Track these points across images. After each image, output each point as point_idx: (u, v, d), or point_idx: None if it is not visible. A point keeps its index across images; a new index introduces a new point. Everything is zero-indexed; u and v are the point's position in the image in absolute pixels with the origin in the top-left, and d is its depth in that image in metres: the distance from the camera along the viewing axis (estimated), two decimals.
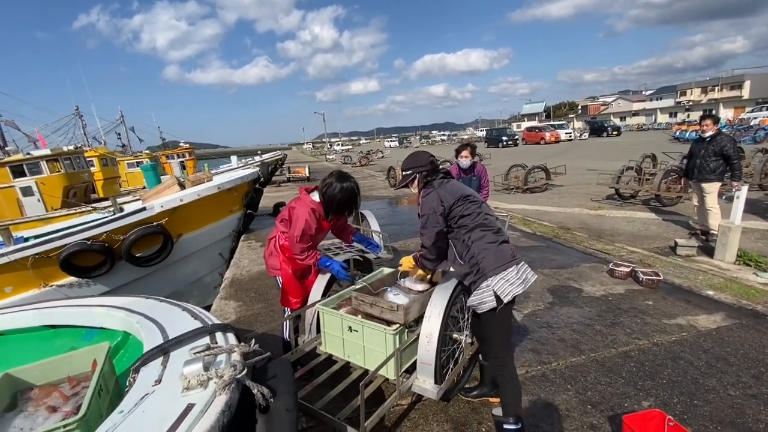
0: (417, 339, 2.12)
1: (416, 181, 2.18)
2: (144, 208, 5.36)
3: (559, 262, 4.93)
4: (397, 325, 2.10)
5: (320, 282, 2.70)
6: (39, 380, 1.61)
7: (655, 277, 4.02)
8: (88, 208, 9.23)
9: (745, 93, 51.72)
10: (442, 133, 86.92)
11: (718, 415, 2.24)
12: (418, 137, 71.69)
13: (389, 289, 2.46)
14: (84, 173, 12.88)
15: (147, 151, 25.56)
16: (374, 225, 4.16)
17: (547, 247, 5.58)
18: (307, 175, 18.37)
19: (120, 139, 27.20)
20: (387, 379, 2.20)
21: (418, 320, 2.21)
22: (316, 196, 2.63)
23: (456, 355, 2.33)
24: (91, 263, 5.18)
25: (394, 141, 70.80)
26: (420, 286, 2.47)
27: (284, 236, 2.75)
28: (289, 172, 18.68)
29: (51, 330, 2.25)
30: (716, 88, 56.07)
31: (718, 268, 4.48)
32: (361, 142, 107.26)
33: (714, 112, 45.41)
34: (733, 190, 4.67)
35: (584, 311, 3.58)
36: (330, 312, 2.33)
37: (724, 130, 23.37)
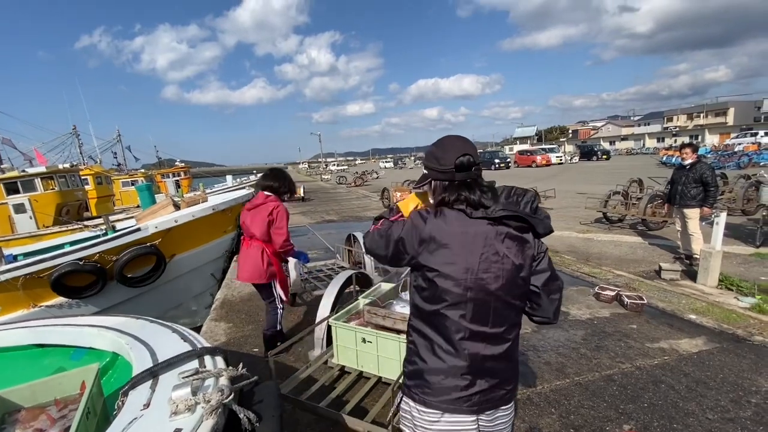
0: None
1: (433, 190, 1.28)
2: (138, 229, 5.39)
3: None
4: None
5: (327, 299, 2.83)
6: (27, 402, 1.64)
7: (639, 301, 4.10)
8: (80, 226, 9.21)
9: (730, 119, 53.49)
10: None
11: None
12: (413, 158, 72.57)
13: (394, 301, 2.67)
14: (78, 191, 12.89)
15: (142, 170, 25.65)
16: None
17: None
18: (302, 195, 18.48)
19: (116, 157, 27.32)
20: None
21: None
22: (273, 198, 3.27)
23: None
24: (83, 283, 5.16)
25: (389, 162, 71.64)
26: None
27: (268, 244, 3.24)
28: None
29: (40, 349, 2.27)
30: (701, 115, 57.94)
31: (700, 292, 4.58)
32: (357, 162, 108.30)
33: (700, 137, 46.71)
34: (708, 216, 4.84)
35: (570, 334, 3.65)
36: (343, 326, 2.51)
37: (708, 155, 23.98)
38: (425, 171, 1.29)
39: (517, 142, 79.95)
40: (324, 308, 2.93)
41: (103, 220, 6.89)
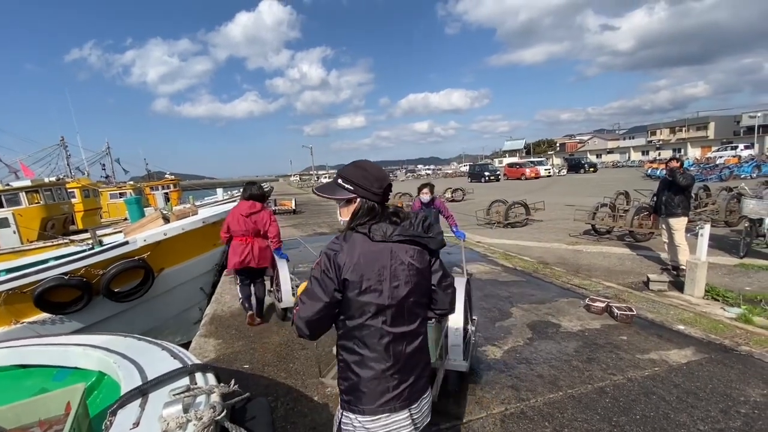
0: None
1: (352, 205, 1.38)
2: (126, 242, 5.31)
3: (539, 297, 5.04)
4: (434, 319, 2.69)
5: None
6: (10, 423, 1.58)
7: (629, 312, 4.15)
8: (65, 241, 9.03)
9: (711, 133, 55.15)
10: (427, 167, 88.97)
11: None
12: (404, 171, 73.13)
13: None
14: (64, 205, 12.66)
15: (131, 182, 25.35)
16: None
17: (527, 282, 5.71)
18: (293, 208, 18.42)
19: (104, 170, 26.99)
20: None
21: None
22: (263, 205, 4.52)
23: (467, 339, 3.02)
24: (67, 299, 5.03)
25: None
26: None
27: (266, 238, 4.49)
28: (276, 205, 18.71)
29: (22, 369, 2.20)
30: (684, 129, 59.65)
31: (688, 302, 4.66)
32: None
33: (682, 150, 47.98)
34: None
35: (562, 346, 3.66)
36: None
37: (691, 168, 24.58)
38: (348, 186, 1.35)
39: (506, 155, 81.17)
40: None
41: (90, 234, 6.78)
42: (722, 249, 6.88)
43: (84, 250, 5.96)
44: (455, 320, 2.85)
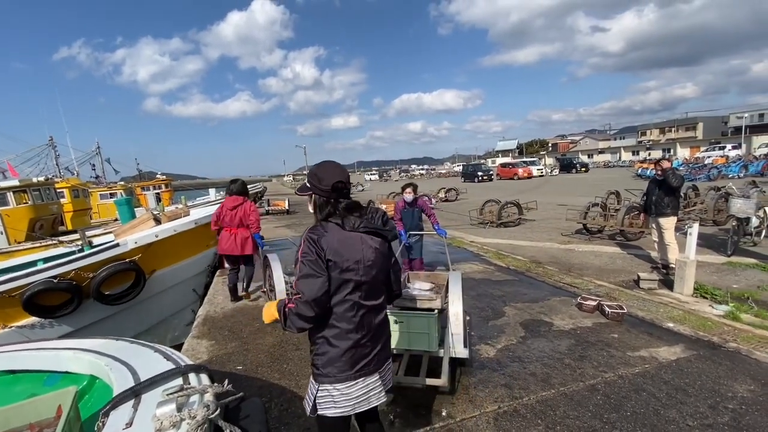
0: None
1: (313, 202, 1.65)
2: (117, 244, 5.25)
3: (531, 296, 5.08)
4: (437, 310, 3.01)
5: None
6: (0, 427, 1.56)
7: (619, 311, 4.20)
8: (54, 242, 8.89)
9: (699, 134, 56.05)
10: (421, 167, 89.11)
11: None
12: (397, 171, 73.18)
13: (407, 289, 3.20)
14: (53, 205, 12.46)
15: (122, 183, 25.04)
16: None
17: (520, 281, 5.76)
18: (287, 208, 18.35)
19: (94, 170, 26.61)
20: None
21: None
22: (244, 199, 5.18)
23: (466, 328, 3.21)
24: (57, 302, 4.96)
25: (374, 174, 71.97)
26: (427, 286, 3.29)
27: (245, 228, 5.17)
28: (269, 205, 18.62)
29: (11, 375, 2.17)
30: (673, 129, 60.52)
31: (677, 300, 4.73)
32: None
33: (672, 151, 48.66)
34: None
35: (554, 345, 3.70)
36: None
37: (681, 168, 24.96)
38: (307, 185, 1.64)
39: (499, 155, 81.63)
40: None
41: (80, 235, 6.69)
42: (710, 247, 7.00)
43: (73, 252, 5.88)
44: (455, 311, 3.06)
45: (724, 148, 35.59)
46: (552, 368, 3.28)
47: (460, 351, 3.02)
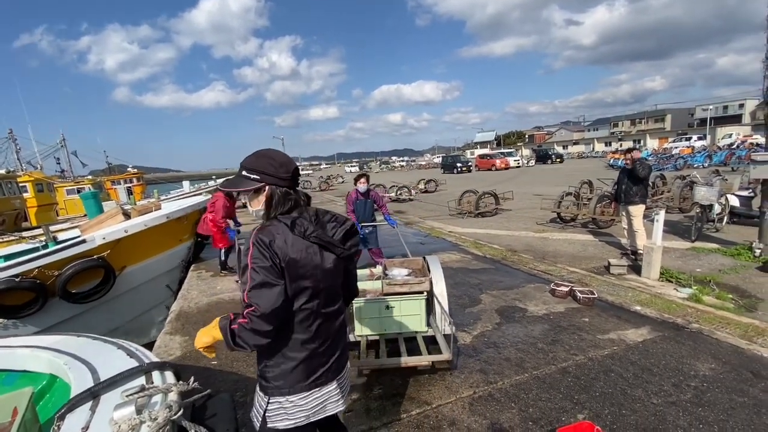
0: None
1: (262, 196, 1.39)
2: (84, 240, 5.02)
3: (507, 283, 5.18)
4: (425, 293, 3.24)
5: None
6: None
7: (590, 296, 4.34)
8: (16, 238, 8.46)
9: (667, 125, 58.19)
10: (401, 159, 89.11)
11: (643, 422, 2.44)
12: (378, 162, 72.91)
13: (388, 276, 3.41)
14: (15, 200, 11.85)
15: (90, 177, 23.98)
16: None
17: (496, 270, 5.86)
18: None
19: (59, 164, 25.36)
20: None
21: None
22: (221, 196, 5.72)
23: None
24: (20, 302, 4.71)
25: (354, 166, 71.52)
26: (405, 272, 3.53)
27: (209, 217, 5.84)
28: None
29: None
30: (643, 121, 62.56)
31: (645, 285, 4.92)
32: (322, 167, 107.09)
33: (642, 141, 50.31)
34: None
35: (528, 330, 3.79)
36: (367, 300, 3.25)
37: (649, 158, 25.83)
38: (254, 176, 1.35)
39: (478, 146, 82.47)
40: None
41: (43, 231, 6.37)
42: (676, 234, 7.30)
43: (37, 248, 5.60)
44: (440, 290, 3.29)
45: (690, 138, 37.07)
46: (526, 353, 3.36)
47: (446, 329, 3.16)
